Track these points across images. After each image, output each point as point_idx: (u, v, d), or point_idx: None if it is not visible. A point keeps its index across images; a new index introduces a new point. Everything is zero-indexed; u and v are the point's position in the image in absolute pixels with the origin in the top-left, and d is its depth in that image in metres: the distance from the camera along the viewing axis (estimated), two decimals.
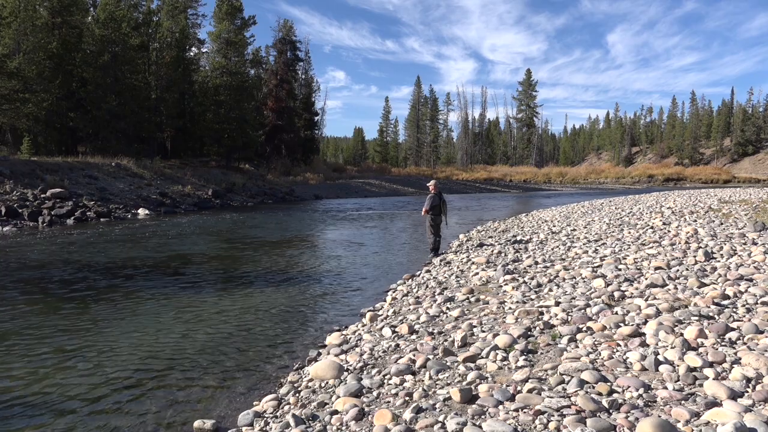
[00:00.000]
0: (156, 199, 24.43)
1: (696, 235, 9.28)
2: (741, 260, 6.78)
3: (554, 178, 66.56)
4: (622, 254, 8.05)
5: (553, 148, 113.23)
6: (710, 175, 63.10)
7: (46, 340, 5.80)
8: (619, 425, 2.82)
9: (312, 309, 7.33)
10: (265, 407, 4.02)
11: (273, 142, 48.78)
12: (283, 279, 9.22)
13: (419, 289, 7.64)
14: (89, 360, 5.23)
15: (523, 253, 9.45)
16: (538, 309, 5.36)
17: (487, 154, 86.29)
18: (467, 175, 63.65)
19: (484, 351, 4.25)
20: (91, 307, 7.21)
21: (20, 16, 28.82)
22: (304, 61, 58.19)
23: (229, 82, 39.41)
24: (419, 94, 79.46)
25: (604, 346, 4.04)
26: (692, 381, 3.28)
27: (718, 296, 5.01)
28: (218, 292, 8.16)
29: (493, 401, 3.31)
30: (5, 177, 20.38)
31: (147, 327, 6.31)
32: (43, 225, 17.06)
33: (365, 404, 3.67)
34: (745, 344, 3.76)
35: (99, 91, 31.70)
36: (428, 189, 10.97)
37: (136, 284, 8.67)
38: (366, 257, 11.60)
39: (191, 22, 46.67)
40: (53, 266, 10.14)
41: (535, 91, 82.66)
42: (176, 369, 5.00)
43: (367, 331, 5.78)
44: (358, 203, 32.08)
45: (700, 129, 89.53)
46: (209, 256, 11.75)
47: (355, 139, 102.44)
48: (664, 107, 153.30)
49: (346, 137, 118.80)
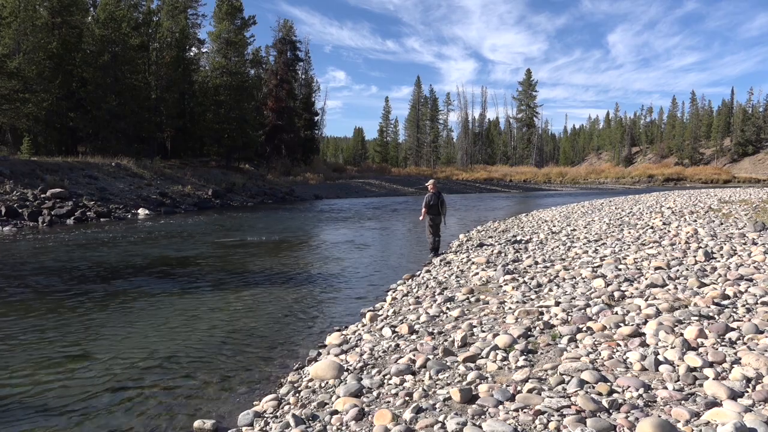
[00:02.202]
0: (156, 199, 24.43)
1: (696, 235, 9.28)
2: (741, 260, 6.78)
3: (554, 178, 66.56)
4: (622, 254, 8.05)
5: (553, 148, 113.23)
6: (710, 175, 63.10)
7: (45, 340, 5.80)
8: (619, 425, 2.82)
9: (312, 309, 7.33)
10: (265, 407, 4.02)
11: (273, 142, 48.79)
12: (283, 279, 9.21)
13: (419, 289, 7.64)
14: (89, 360, 5.23)
15: (523, 253, 9.45)
16: (538, 309, 5.36)
17: (487, 154, 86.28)
18: (467, 175, 63.65)
19: (484, 351, 4.25)
20: (91, 307, 7.21)
21: (20, 16, 28.82)
22: (304, 61, 58.28)
23: (229, 82, 39.41)
24: (419, 94, 79.48)
25: (604, 346, 4.04)
26: (692, 381, 3.28)
27: (718, 296, 5.01)
28: (218, 292, 8.16)
29: (493, 401, 3.31)
30: (5, 177, 20.39)
31: (147, 327, 6.31)
32: (43, 225, 17.06)
33: (365, 404, 3.66)
34: (745, 344, 3.76)
35: (99, 91, 31.70)
36: (427, 189, 10.99)
37: (136, 284, 8.67)
38: (366, 257, 11.59)
39: (191, 22, 46.67)
40: (53, 266, 10.14)
41: (535, 91, 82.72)
42: (176, 369, 5.00)
43: (367, 331, 5.78)
44: (358, 203, 32.07)
45: (700, 129, 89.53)
46: (209, 256, 11.75)
47: (355, 139, 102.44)
48: (664, 107, 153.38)
49: (346, 137, 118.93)
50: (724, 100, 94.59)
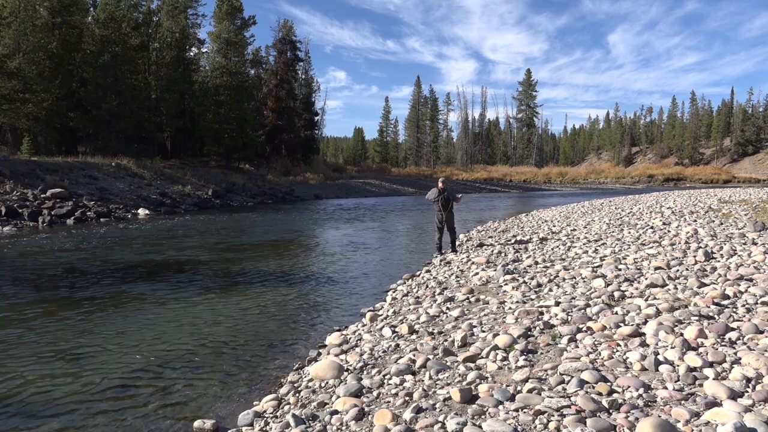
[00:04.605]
0: (156, 199, 24.43)
1: (696, 235, 9.29)
2: (741, 260, 6.78)
3: (554, 178, 66.53)
4: (622, 254, 8.05)
5: (553, 148, 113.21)
6: (710, 175, 63.07)
7: (45, 340, 5.80)
8: (619, 425, 2.82)
9: (312, 309, 7.33)
10: (265, 407, 4.02)
11: (273, 142, 48.78)
12: (283, 279, 9.21)
13: (419, 289, 7.64)
14: (89, 360, 5.23)
15: (523, 253, 9.45)
16: (538, 309, 5.36)
17: (487, 154, 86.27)
18: (467, 175, 63.65)
19: (484, 351, 4.25)
20: (91, 307, 7.21)
21: (20, 16, 28.84)
22: (304, 61, 58.25)
23: (229, 82, 39.42)
24: (419, 94, 79.47)
25: (604, 346, 4.04)
26: (692, 381, 3.28)
27: (718, 296, 5.01)
28: (218, 292, 8.16)
29: (493, 401, 3.31)
30: (5, 177, 20.39)
31: (146, 327, 6.31)
32: (43, 225, 17.06)
33: (365, 404, 3.66)
34: (745, 344, 3.76)
35: (99, 91, 31.70)
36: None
37: (136, 284, 8.67)
38: (366, 257, 11.59)
39: (191, 22, 46.64)
40: (53, 266, 10.14)
41: (535, 91, 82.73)
42: (176, 369, 5.00)
43: (367, 331, 5.78)
44: (358, 203, 32.07)
45: (700, 129, 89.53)
46: (209, 256, 11.75)
47: (355, 139, 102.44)
48: (664, 107, 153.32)
49: (346, 137, 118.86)
50: (724, 100, 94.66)
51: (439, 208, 10.63)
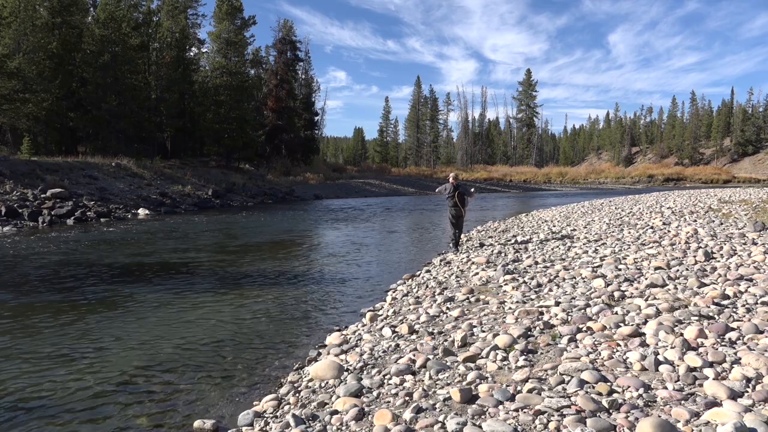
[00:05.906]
0: (156, 199, 24.43)
1: (696, 235, 9.29)
2: (741, 260, 6.78)
3: (554, 178, 66.53)
4: (622, 254, 8.05)
5: (553, 148, 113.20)
6: (710, 175, 63.09)
7: (45, 340, 5.80)
8: (619, 425, 2.82)
9: (312, 309, 7.33)
10: (265, 407, 4.02)
11: (273, 142, 48.79)
12: (283, 279, 9.21)
13: (419, 289, 7.63)
14: (89, 360, 5.22)
15: (523, 253, 9.45)
16: (538, 309, 5.36)
17: (487, 154, 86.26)
18: (467, 175, 63.54)
19: (484, 351, 4.25)
20: (91, 307, 7.21)
21: (20, 16, 28.83)
22: (304, 61, 58.27)
23: (229, 82, 39.42)
24: (419, 94, 79.47)
25: (604, 346, 4.04)
26: (692, 381, 3.28)
27: (718, 296, 5.01)
28: (218, 292, 8.16)
29: (493, 401, 3.31)
30: (5, 177, 20.39)
31: (146, 327, 6.31)
32: (43, 225, 17.06)
33: (365, 404, 3.66)
34: (745, 344, 3.76)
35: (99, 91, 31.70)
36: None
37: (136, 284, 8.67)
38: (366, 257, 11.59)
39: (191, 22, 46.65)
40: (53, 266, 10.14)
41: (535, 91, 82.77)
42: (176, 369, 5.00)
43: (367, 331, 5.78)
44: (358, 203, 32.06)
45: (700, 129, 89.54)
46: (209, 256, 11.75)
47: (355, 139, 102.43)
48: (664, 107, 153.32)
49: (346, 137, 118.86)
50: (724, 100, 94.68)
51: (454, 204, 10.61)
